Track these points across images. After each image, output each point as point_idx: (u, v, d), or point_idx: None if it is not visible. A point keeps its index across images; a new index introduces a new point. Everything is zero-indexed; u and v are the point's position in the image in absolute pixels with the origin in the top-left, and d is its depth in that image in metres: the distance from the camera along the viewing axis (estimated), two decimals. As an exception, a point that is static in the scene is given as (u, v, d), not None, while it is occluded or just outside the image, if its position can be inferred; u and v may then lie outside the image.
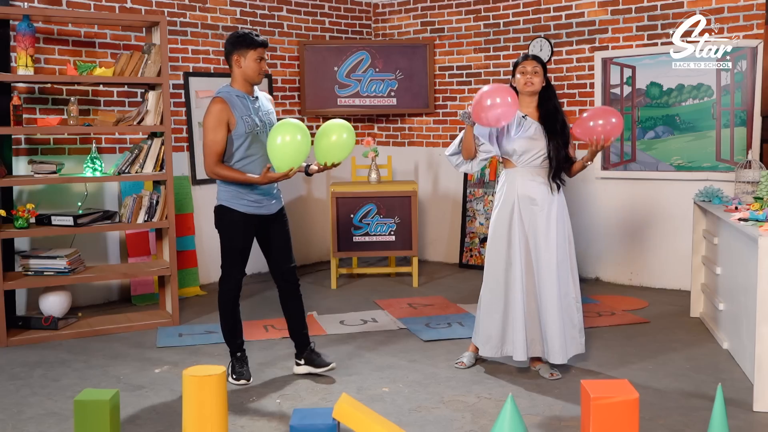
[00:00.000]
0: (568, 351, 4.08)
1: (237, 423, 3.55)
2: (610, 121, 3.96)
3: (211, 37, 6.54)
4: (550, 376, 4.10)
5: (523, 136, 4.05)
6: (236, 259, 4.00)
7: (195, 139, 6.41)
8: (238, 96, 3.90)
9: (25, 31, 4.83)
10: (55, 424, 3.58)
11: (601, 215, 6.49)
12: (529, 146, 4.05)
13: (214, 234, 6.63)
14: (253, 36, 3.91)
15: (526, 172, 4.08)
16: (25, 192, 5.44)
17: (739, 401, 3.72)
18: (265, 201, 3.98)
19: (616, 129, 3.98)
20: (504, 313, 4.11)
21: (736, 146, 5.73)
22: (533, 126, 4.07)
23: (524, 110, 4.12)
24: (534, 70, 4.05)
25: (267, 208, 4.00)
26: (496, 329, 4.14)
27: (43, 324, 5.01)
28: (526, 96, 4.10)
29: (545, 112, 4.10)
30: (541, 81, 4.08)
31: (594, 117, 4.01)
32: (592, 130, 3.96)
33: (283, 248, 4.09)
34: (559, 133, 4.06)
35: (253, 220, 3.97)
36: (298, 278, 4.19)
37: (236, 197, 3.92)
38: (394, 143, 7.72)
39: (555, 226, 4.07)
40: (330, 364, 4.16)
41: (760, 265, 3.60)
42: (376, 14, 7.77)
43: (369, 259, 7.39)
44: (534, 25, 6.73)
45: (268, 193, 3.99)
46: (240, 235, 3.97)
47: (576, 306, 4.13)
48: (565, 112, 6.57)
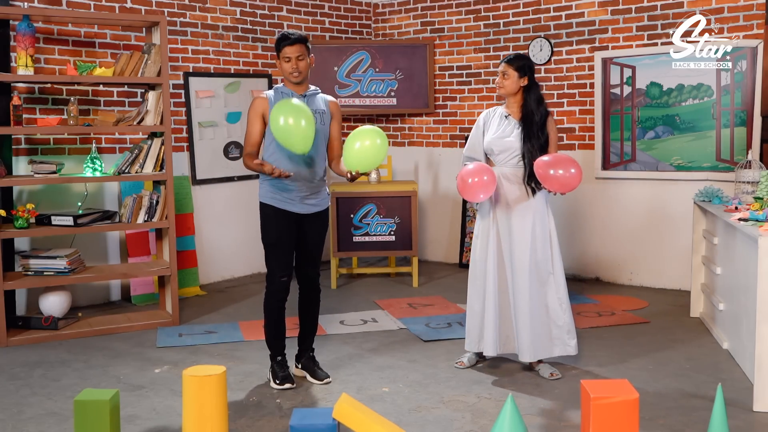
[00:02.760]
0: (536, 351, 4.09)
1: (237, 423, 3.55)
2: (569, 173, 3.78)
3: (211, 37, 6.54)
4: (550, 376, 4.10)
5: (501, 135, 4.09)
6: (274, 255, 3.97)
7: (195, 139, 6.41)
8: (283, 93, 3.95)
9: (25, 31, 4.83)
10: (55, 424, 3.58)
11: (601, 215, 6.49)
12: (505, 146, 4.07)
13: (214, 234, 6.69)
14: (280, 39, 3.90)
15: (504, 172, 4.11)
16: (25, 192, 5.44)
17: (739, 401, 3.72)
18: (297, 199, 3.94)
19: (574, 181, 3.78)
20: (482, 309, 4.19)
21: (736, 146, 5.74)
22: (512, 125, 4.09)
23: (508, 109, 4.15)
24: (503, 73, 4.07)
25: (300, 207, 3.95)
26: (475, 324, 4.24)
27: (43, 324, 5.01)
28: (506, 97, 4.13)
29: (524, 113, 4.09)
30: (515, 82, 4.06)
31: (555, 165, 3.80)
32: (550, 180, 3.82)
33: (308, 252, 4.07)
34: (535, 135, 4.03)
35: (287, 216, 3.95)
36: (317, 286, 4.15)
37: (269, 192, 3.96)
38: (394, 143, 7.71)
39: (530, 228, 4.06)
40: (326, 378, 4.11)
41: (760, 265, 3.60)
42: (376, 14, 7.77)
43: (369, 259, 7.39)
44: (534, 25, 6.73)
45: (303, 191, 3.95)
46: (272, 229, 3.96)
47: (562, 307, 4.11)
48: (565, 112, 6.61)
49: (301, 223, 4.00)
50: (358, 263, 7.10)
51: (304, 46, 3.88)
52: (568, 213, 6.63)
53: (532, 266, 4.06)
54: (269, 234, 3.97)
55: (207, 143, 6.48)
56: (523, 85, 4.08)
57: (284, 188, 3.92)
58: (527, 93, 4.09)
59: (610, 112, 6.35)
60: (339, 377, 4.18)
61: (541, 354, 4.12)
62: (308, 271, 4.10)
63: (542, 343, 4.11)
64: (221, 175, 6.56)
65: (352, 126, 7.68)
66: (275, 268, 3.98)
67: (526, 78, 4.07)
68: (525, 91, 4.09)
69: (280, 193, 3.93)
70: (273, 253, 3.98)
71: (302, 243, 4.04)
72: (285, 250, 3.98)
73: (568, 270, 6.67)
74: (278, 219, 3.94)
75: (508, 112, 4.14)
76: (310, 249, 4.06)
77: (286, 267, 3.99)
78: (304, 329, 4.19)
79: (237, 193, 6.64)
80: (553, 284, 4.11)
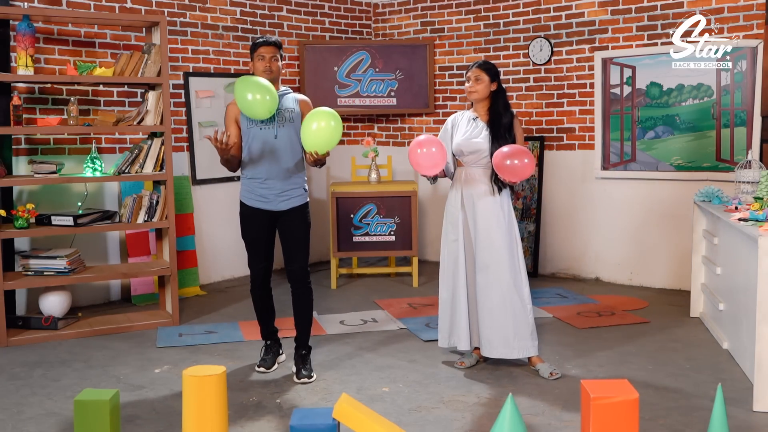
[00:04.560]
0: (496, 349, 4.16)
1: (237, 423, 3.55)
2: (522, 162, 3.93)
3: (211, 37, 6.54)
4: (550, 376, 4.11)
5: (470, 137, 4.22)
6: (250, 250, 4.24)
7: (195, 138, 6.41)
8: None
9: (25, 31, 4.83)
10: (55, 424, 3.58)
11: (601, 215, 6.49)
12: (475, 147, 4.20)
13: (214, 234, 6.69)
14: (258, 41, 4.15)
15: (472, 171, 4.24)
16: (25, 192, 5.44)
17: (739, 401, 3.72)
18: (271, 197, 4.11)
19: (527, 170, 3.94)
20: (452, 304, 4.28)
21: (736, 146, 5.74)
22: (480, 128, 4.23)
23: (477, 112, 4.30)
24: (476, 78, 4.20)
25: (273, 205, 4.12)
26: (445, 320, 4.31)
27: (43, 324, 5.01)
28: (474, 101, 4.27)
29: (492, 116, 4.23)
30: (487, 87, 4.21)
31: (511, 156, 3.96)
32: (504, 170, 3.98)
33: (289, 248, 4.19)
34: (502, 136, 4.17)
35: (262, 214, 4.14)
36: (304, 279, 4.20)
37: (246, 191, 4.18)
38: (394, 143, 7.72)
39: (495, 226, 4.16)
40: (304, 378, 4.12)
41: (760, 265, 3.60)
42: (376, 14, 7.77)
43: (369, 259, 7.39)
44: (534, 25, 6.73)
45: (270, 189, 4.10)
46: (247, 227, 4.21)
47: (524, 307, 4.16)
48: (565, 112, 6.61)
49: (280, 220, 4.18)
50: (358, 263, 7.10)
51: (278, 50, 4.12)
52: (569, 213, 6.63)
53: (500, 263, 4.14)
54: (244, 231, 4.24)
55: (207, 143, 6.47)
56: (492, 89, 4.23)
57: (259, 187, 4.11)
58: (495, 97, 4.24)
59: (610, 112, 6.35)
60: (339, 377, 4.18)
61: (504, 353, 4.16)
62: (292, 267, 4.18)
63: (506, 341, 4.15)
64: (221, 175, 6.55)
65: (352, 126, 7.69)
66: (251, 261, 4.27)
67: (495, 83, 4.23)
68: (493, 95, 4.25)
69: (254, 192, 4.13)
70: (249, 248, 4.25)
71: (283, 240, 4.21)
72: (260, 245, 4.20)
73: (569, 270, 6.68)
74: (253, 218, 4.16)
75: (476, 115, 4.30)
76: (290, 245, 4.18)
77: (260, 260, 4.23)
78: (296, 326, 4.27)
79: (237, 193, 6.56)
80: (515, 285, 4.16)
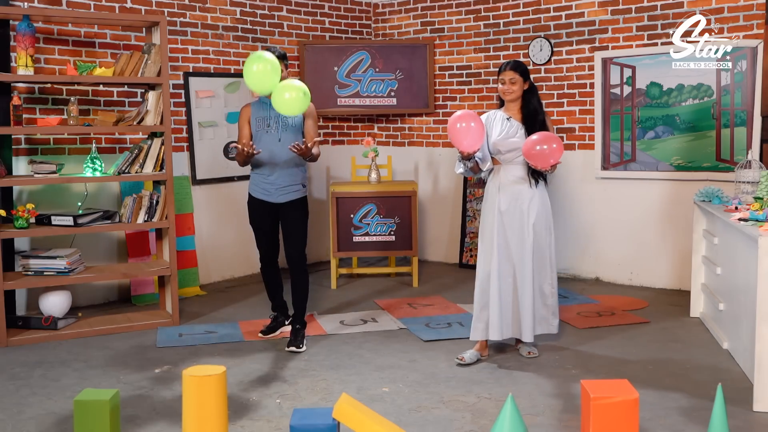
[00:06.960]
0: (536, 330, 4.46)
1: (237, 423, 3.55)
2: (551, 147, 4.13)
3: (211, 37, 6.54)
4: (527, 354, 4.46)
5: (507, 137, 4.36)
6: (256, 235, 4.91)
7: (195, 138, 6.41)
8: (262, 101, 4.74)
9: (25, 31, 4.83)
10: (55, 424, 3.58)
11: (601, 215, 6.49)
12: (511, 146, 4.36)
13: (214, 234, 6.69)
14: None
15: (510, 168, 4.41)
16: (25, 192, 5.44)
17: (739, 401, 3.72)
18: (272, 191, 4.72)
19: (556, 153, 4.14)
20: (487, 297, 4.42)
21: (736, 146, 5.73)
22: (515, 127, 4.38)
23: (509, 113, 4.44)
24: (511, 80, 4.36)
25: (274, 197, 4.73)
26: (481, 313, 4.44)
27: (43, 324, 5.01)
28: (508, 101, 4.42)
29: (526, 114, 4.40)
30: (520, 87, 4.38)
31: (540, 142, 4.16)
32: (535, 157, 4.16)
33: (287, 235, 4.80)
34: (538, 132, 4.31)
35: (264, 205, 4.76)
36: (301, 262, 4.77)
37: (253, 184, 4.81)
38: (394, 143, 7.72)
39: (534, 217, 4.36)
40: (293, 346, 4.64)
41: (760, 265, 3.60)
42: (376, 14, 7.77)
43: (369, 259, 7.39)
44: (534, 25, 6.73)
45: (272, 184, 4.70)
46: (252, 215, 4.86)
47: (551, 291, 4.47)
48: (565, 112, 6.61)
49: (280, 211, 4.77)
50: (358, 263, 7.10)
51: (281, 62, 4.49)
52: (569, 213, 6.63)
53: (534, 253, 4.37)
54: (251, 218, 4.88)
55: (207, 143, 6.48)
56: (525, 88, 4.40)
57: (263, 182, 4.73)
58: (529, 95, 4.42)
59: (610, 112, 6.35)
60: (339, 377, 4.18)
61: (538, 331, 4.48)
62: (289, 251, 4.77)
63: (538, 322, 4.48)
64: (221, 175, 6.56)
65: (352, 126, 7.69)
66: (258, 243, 4.94)
67: (528, 82, 4.41)
68: (525, 93, 4.42)
69: (259, 185, 4.76)
70: (255, 233, 4.93)
71: (283, 227, 4.82)
72: (264, 232, 4.87)
73: (568, 270, 6.68)
74: (257, 207, 4.80)
75: (509, 115, 4.43)
76: (289, 231, 4.78)
77: (265, 243, 4.90)
78: (293, 304, 4.83)
79: (237, 193, 6.63)
80: (549, 270, 4.45)
